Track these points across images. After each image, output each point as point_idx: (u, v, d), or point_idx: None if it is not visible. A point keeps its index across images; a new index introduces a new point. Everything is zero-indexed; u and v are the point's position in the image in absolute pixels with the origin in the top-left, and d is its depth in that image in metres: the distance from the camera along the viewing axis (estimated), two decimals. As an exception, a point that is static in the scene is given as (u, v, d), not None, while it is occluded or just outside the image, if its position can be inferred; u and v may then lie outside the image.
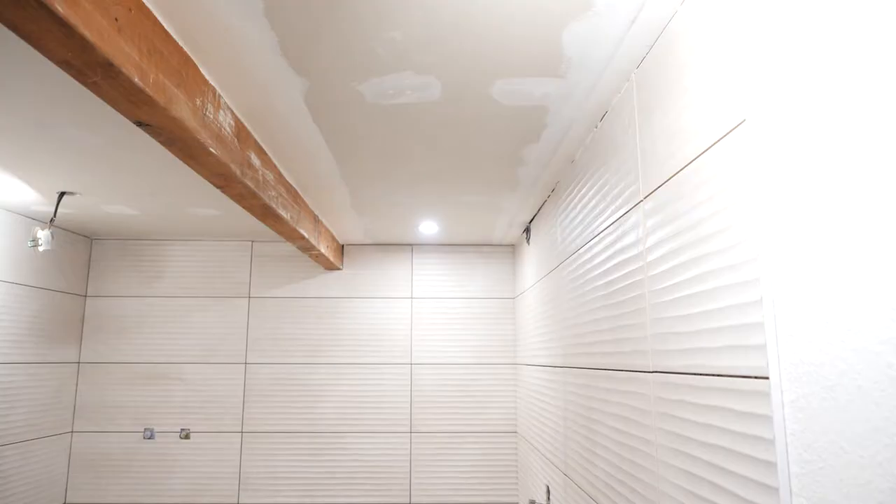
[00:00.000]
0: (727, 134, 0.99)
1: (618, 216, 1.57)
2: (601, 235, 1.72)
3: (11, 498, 2.89)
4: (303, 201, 2.52)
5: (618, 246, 1.57)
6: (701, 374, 1.08)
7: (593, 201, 1.81)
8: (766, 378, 0.88)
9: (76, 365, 3.42)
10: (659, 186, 1.28)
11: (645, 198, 1.36)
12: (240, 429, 3.39)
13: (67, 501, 3.31)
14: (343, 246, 3.58)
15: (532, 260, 2.94)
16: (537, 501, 2.54)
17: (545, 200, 2.60)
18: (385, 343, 3.48)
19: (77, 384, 3.41)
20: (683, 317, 1.15)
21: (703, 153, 1.08)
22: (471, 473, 3.37)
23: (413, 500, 3.34)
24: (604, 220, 1.70)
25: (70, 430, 3.36)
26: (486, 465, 3.37)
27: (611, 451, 1.62)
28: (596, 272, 1.77)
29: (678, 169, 1.18)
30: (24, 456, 2.98)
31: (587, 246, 1.88)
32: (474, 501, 3.34)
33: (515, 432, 3.40)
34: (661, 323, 1.27)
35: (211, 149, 1.49)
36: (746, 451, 0.93)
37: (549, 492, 2.48)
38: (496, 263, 3.58)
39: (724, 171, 1.00)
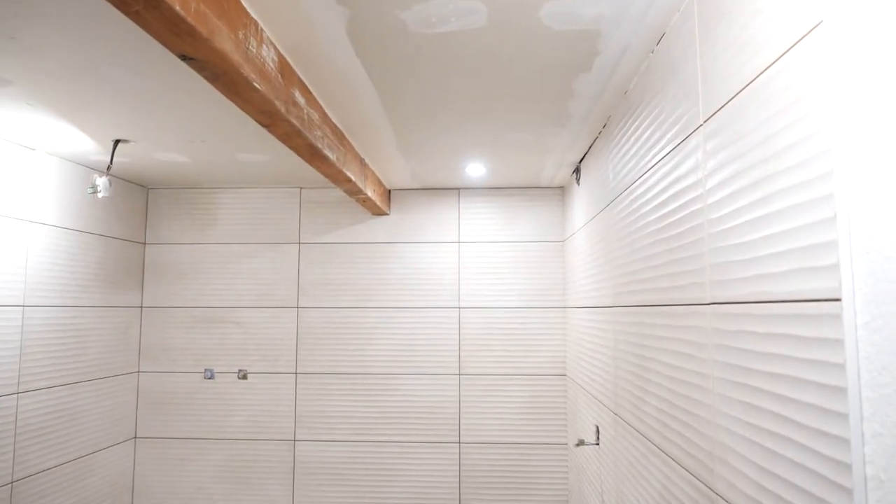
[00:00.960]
0: (802, 38, 0.90)
1: (674, 145, 1.49)
2: (655, 167, 1.65)
3: (89, 431, 3.09)
4: (348, 143, 2.51)
5: (674, 175, 1.49)
6: (763, 302, 1.03)
7: (647, 132, 1.73)
8: (838, 300, 0.82)
9: (139, 309, 3.57)
10: (722, 106, 1.20)
11: (705, 121, 1.29)
12: (294, 370, 3.50)
13: (138, 435, 3.52)
14: (390, 191, 3.58)
15: (581, 201, 2.87)
16: (586, 441, 2.55)
17: (596, 137, 2.51)
18: (433, 287, 3.50)
19: (141, 327, 3.58)
20: (745, 243, 1.09)
21: (774, 62, 0.99)
22: (519, 415, 3.40)
23: (462, 440, 3.41)
24: (659, 151, 1.62)
25: (137, 370, 3.54)
26: (535, 407, 3.40)
27: (663, 388, 1.59)
28: (649, 206, 1.71)
29: (745, 83, 1.10)
30: (98, 393, 3.17)
31: (640, 180, 1.80)
32: (523, 442, 3.38)
33: (564, 375, 3.40)
34: (720, 252, 1.21)
35: (255, 84, 1.47)
36: (813, 378, 0.88)
37: (598, 431, 2.48)
38: (544, 206, 3.52)
39: (798, 80, 0.92)
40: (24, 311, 2.67)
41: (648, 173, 1.72)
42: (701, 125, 1.31)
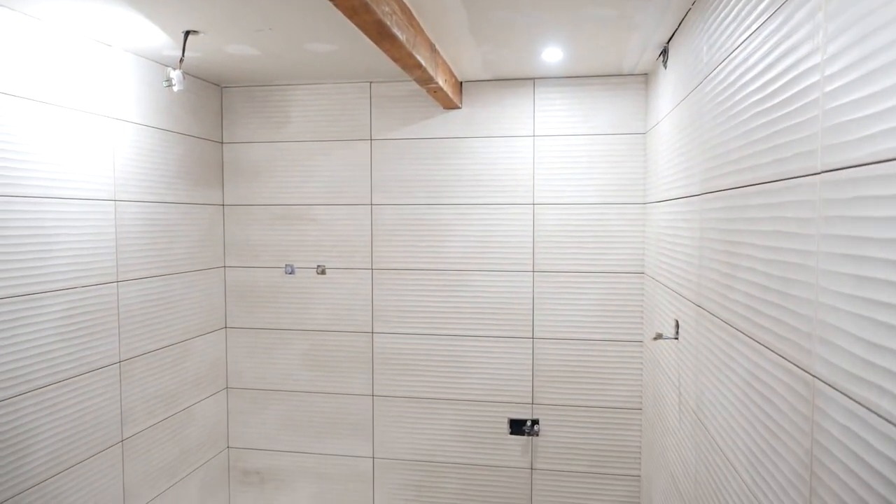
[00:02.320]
0: None
1: (787, -5, 1.30)
2: (760, 29, 1.46)
3: (183, 319, 3.31)
4: (418, 24, 2.38)
5: (783, 31, 1.31)
6: (891, 160, 0.90)
7: (753, -12, 1.52)
8: None
9: (221, 207, 3.70)
10: (853, -66, 1.01)
11: (830, -43, 1.10)
12: (370, 266, 3.58)
13: (228, 325, 3.75)
14: (462, 83, 3.43)
15: (668, 87, 2.65)
16: (664, 335, 2.48)
17: (688, 10, 2.26)
18: (507, 183, 3.41)
19: (224, 224, 3.72)
20: (873, 95, 0.95)
21: None
22: (594, 312, 3.36)
23: (536, 336, 3.42)
24: (766, 9, 1.42)
25: (223, 265, 3.72)
26: (610, 305, 3.34)
27: (755, 272, 1.48)
28: (750, 75, 1.53)
29: None
30: (188, 285, 3.36)
31: (741, 47, 1.61)
32: (597, 338, 3.36)
33: (642, 273, 3.30)
34: (838, 112, 1.06)
35: (317, -54, 1.38)
36: (950, 237, 0.77)
37: (677, 325, 2.40)
38: (626, 96, 3.29)
39: None
40: (116, 205, 2.81)
41: (751, 37, 1.53)
42: (824, -37, 1.12)
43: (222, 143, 3.69)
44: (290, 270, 3.65)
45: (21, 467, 2.30)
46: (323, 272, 3.62)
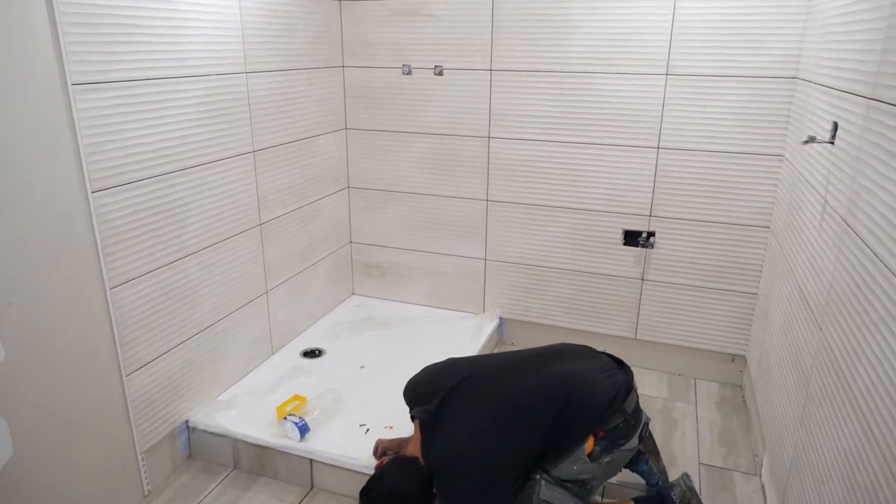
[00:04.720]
0: None
1: None
2: None
3: (306, 117, 3.40)
4: None
5: None
6: None
7: None
8: None
9: (338, 1, 3.59)
10: None
11: None
12: (488, 67, 3.42)
13: (348, 126, 3.82)
14: None
15: None
16: (818, 138, 2.24)
17: None
18: (646, -30, 3.02)
19: (341, 21, 3.63)
20: None
21: None
22: (730, 121, 3.08)
23: (661, 146, 3.23)
24: None
25: (341, 64, 3.70)
26: (750, 114, 3.04)
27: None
28: None
29: None
30: (309, 82, 3.40)
31: None
32: (730, 150, 3.12)
33: (794, 78, 2.93)
34: None
35: None
36: None
37: (835, 128, 2.15)
38: None
39: None
40: (239, -8, 2.78)
41: None
42: None
43: (336, -72, 3.47)
44: (408, 71, 3.58)
45: (180, 237, 2.58)
46: (440, 73, 3.52)
